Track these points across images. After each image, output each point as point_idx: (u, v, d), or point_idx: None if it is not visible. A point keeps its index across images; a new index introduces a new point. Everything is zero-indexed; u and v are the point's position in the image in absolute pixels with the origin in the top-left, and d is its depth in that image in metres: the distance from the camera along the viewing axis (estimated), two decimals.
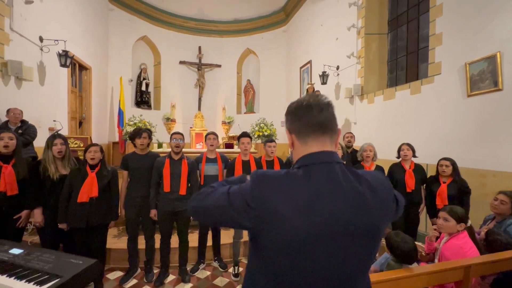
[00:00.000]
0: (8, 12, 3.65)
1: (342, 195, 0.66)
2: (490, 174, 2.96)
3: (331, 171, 0.68)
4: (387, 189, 0.73)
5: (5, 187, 2.23)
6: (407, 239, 1.76)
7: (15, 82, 3.77)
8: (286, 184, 0.67)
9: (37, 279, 1.36)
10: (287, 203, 0.64)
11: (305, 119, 0.72)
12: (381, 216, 0.69)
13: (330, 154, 0.72)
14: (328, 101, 0.75)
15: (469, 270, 1.63)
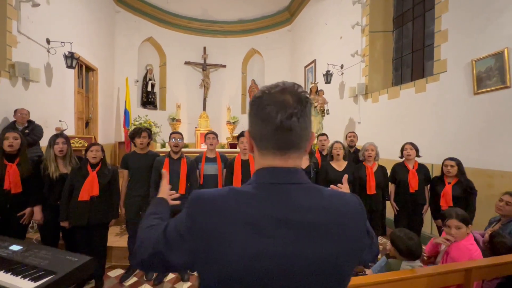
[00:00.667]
0: (16, 15, 3.75)
1: (299, 225, 0.54)
2: (497, 174, 2.87)
3: (286, 194, 0.56)
4: (358, 220, 0.60)
5: (9, 185, 2.29)
6: (412, 235, 1.72)
7: (22, 83, 3.86)
8: (231, 206, 0.55)
9: (33, 275, 1.39)
10: (231, 231, 0.52)
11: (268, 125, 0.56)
12: (348, 248, 0.57)
13: (289, 172, 0.58)
14: (301, 98, 0.57)
15: (470, 273, 1.58)
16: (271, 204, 0.55)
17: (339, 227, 0.57)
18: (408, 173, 2.98)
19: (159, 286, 2.60)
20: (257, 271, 0.52)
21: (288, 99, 0.56)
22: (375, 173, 3.06)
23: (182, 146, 2.74)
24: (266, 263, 0.52)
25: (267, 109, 0.56)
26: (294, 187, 0.57)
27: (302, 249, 0.53)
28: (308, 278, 0.53)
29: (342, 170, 3.02)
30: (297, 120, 0.56)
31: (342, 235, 0.57)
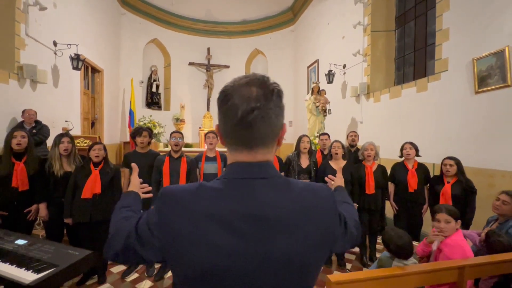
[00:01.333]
0: (24, 18, 3.87)
1: (261, 219, 0.54)
2: (499, 174, 2.84)
3: (251, 189, 0.56)
4: (328, 212, 0.61)
5: (17, 183, 2.38)
6: (402, 234, 1.73)
7: (30, 84, 3.99)
8: (198, 202, 0.55)
9: (36, 267, 1.45)
10: (196, 228, 0.53)
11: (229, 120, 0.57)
12: (316, 241, 0.58)
13: (254, 167, 0.58)
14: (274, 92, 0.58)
15: (463, 271, 1.58)
16: (236, 199, 0.55)
17: (307, 219, 0.57)
18: (408, 173, 2.97)
19: (159, 282, 2.66)
20: (221, 267, 0.52)
21: (252, 92, 0.55)
22: (374, 172, 3.07)
23: (182, 145, 2.80)
24: (231, 259, 0.52)
25: (229, 103, 0.55)
26: (261, 181, 0.57)
27: (266, 244, 0.53)
28: (273, 272, 0.54)
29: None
30: (259, 115, 0.54)
31: (310, 227, 0.57)
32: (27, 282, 1.34)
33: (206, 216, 0.53)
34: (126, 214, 0.72)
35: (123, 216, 0.71)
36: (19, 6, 3.77)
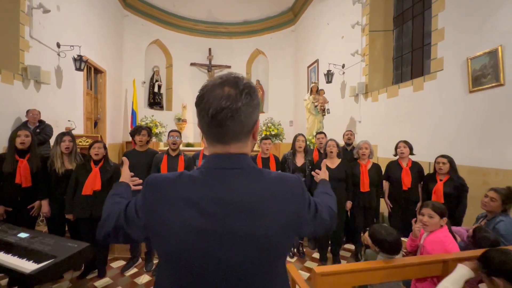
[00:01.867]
0: (28, 21, 3.98)
1: (232, 204, 0.61)
2: (492, 172, 2.87)
3: (226, 177, 0.63)
4: (295, 198, 0.68)
5: (20, 180, 2.48)
6: (391, 230, 1.78)
7: (34, 85, 4.10)
8: (176, 189, 0.62)
9: (36, 258, 1.54)
10: (172, 210, 0.60)
11: (203, 119, 0.63)
12: (283, 224, 0.64)
13: (230, 158, 0.65)
14: (250, 91, 0.63)
15: (447, 265, 1.63)
16: (211, 187, 0.62)
17: (275, 205, 0.64)
18: (402, 171, 3.01)
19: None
20: (192, 243, 0.58)
21: (224, 92, 0.60)
22: (369, 170, 3.11)
23: (179, 144, 2.87)
24: (200, 236, 0.59)
25: (203, 103, 0.61)
26: (235, 171, 0.64)
27: (232, 225, 0.60)
28: (239, 251, 0.60)
29: (334, 168, 3.07)
30: (228, 114, 0.59)
31: (277, 212, 0.64)
32: (27, 271, 1.42)
33: (182, 200, 0.61)
34: (117, 200, 0.81)
35: (114, 201, 0.80)
36: (23, 9, 3.88)
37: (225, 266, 0.60)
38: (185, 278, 0.62)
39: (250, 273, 0.62)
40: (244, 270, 0.61)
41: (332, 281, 1.44)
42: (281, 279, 0.69)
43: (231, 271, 0.61)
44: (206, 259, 0.60)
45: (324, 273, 1.42)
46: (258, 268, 0.63)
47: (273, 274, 0.66)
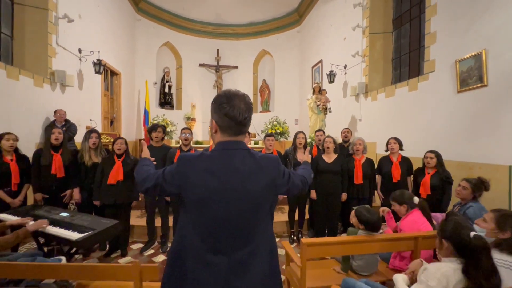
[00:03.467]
0: (55, 30, 4.42)
1: (235, 171, 0.96)
2: (477, 166, 3.10)
3: (235, 154, 0.98)
4: (273, 169, 1.04)
5: (55, 170, 2.89)
6: (373, 212, 2.08)
7: (60, 88, 4.55)
8: (198, 163, 0.98)
9: (79, 230, 1.92)
10: (197, 175, 0.95)
11: (230, 120, 0.97)
12: (265, 185, 0.99)
13: (237, 143, 1.01)
14: (249, 105, 1.01)
15: (417, 241, 1.92)
16: (222, 161, 0.98)
17: (260, 172, 1.00)
18: (392, 165, 3.28)
19: None
20: (212, 195, 0.94)
21: (244, 107, 0.99)
22: (362, 165, 3.39)
23: (191, 140, 3.23)
24: (217, 191, 0.94)
25: (233, 112, 0.97)
26: (237, 151, 1.00)
27: (236, 186, 0.96)
28: (238, 202, 0.96)
29: (331, 162, 3.37)
30: (248, 120, 1.00)
31: (262, 177, 0.99)
32: (74, 239, 1.80)
33: (203, 169, 0.97)
34: (148, 168, 1.16)
35: (148, 168, 1.15)
36: (51, 19, 4.32)
37: (229, 210, 0.95)
38: (203, 219, 0.96)
39: (245, 215, 0.97)
40: (241, 213, 0.97)
41: (316, 250, 1.76)
42: (265, 223, 1.04)
43: (233, 213, 0.96)
44: (217, 206, 0.95)
45: (310, 244, 1.74)
46: (249, 213, 0.98)
47: (259, 217, 1.01)
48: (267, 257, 1.01)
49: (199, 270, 0.94)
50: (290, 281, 2.09)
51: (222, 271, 0.93)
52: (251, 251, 0.97)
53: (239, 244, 0.96)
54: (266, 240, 1.02)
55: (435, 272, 1.22)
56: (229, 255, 0.95)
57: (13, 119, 3.55)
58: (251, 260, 0.97)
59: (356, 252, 1.88)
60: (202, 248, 0.95)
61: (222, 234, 0.95)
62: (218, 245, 0.95)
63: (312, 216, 3.71)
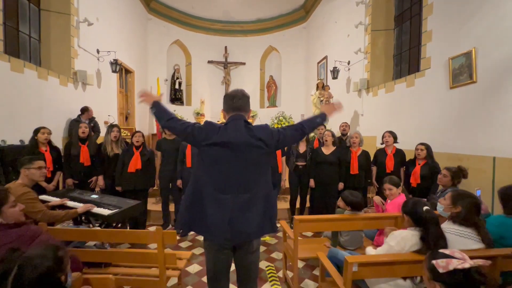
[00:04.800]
0: (76, 33, 4.82)
1: (240, 133, 1.37)
2: (465, 158, 3.31)
3: (237, 124, 1.40)
4: (265, 132, 1.41)
5: (83, 160, 3.30)
6: (357, 194, 2.38)
7: (81, 86, 4.97)
8: (217, 128, 1.40)
9: (108, 207, 2.29)
10: (212, 137, 1.36)
11: (229, 104, 1.48)
12: (261, 144, 1.37)
13: (238, 116, 1.44)
14: (242, 93, 1.49)
15: (397, 220, 2.20)
16: (231, 126, 1.38)
17: (260, 133, 1.39)
18: (386, 157, 3.53)
19: (184, 237, 3.49)
20: (223, 156, 1.34)
21: (240, 94, 1.48)
22: (358, 157, 3.66)
23: None
24: (227, 153, 1.34)
25: (233, 97, 1.46)
26: (241, 121, 1.42)
27: (241, 148, 1.34)
28: (244, 160, 1.35)
29: (329, 154, 3.64)
30: (241, 102, 1.46)
31: (262, 137, 1.38)
32: (106, 214, 2.18)
33: (217, 134, 1.37)
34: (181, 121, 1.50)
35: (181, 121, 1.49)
36: (73, 23, 4.71)
37: (236, 166, 1.33)
38: (215, 172, 1.36)
39: (244, 170, 1.37)
40: (241, 169, 1.36)
41: (307, 226, 2.08)
42: (262, 175, 1.41)
43: (236, 169, 1.34)
44: (226, 162, 1.33)
45: (301, 220, 2.05)
46: (248, 169, 1.38)
47: (257, 172, 1.39)
48: (262, 200, 1.39)
49: (212, 203, 1.33)
50: (286, 254, 2.42)
51: (229, 206, 1.32)
52: (251, 196, 1.36)
53: (241, 190, 1.35)
54: (263, 188, 1.41)
55: (397, 236, 1.52)
56: (234, 196, 1.33)
57: (44, 115, 3.98)
58: (250, 201, 1.35)
59: (342, 228, 2.17)
60: (214, 190, 1.33)
61: (228, 183, 1.34)
62: (226, 190, 1.34)
63: (311, 204, 4.01)
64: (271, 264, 2.79)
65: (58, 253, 0.88)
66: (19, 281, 0.80)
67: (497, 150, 2.92)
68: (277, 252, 3.11)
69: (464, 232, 1.52)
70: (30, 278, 0.79)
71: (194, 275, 2.53)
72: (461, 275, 0.95)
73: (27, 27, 4.26)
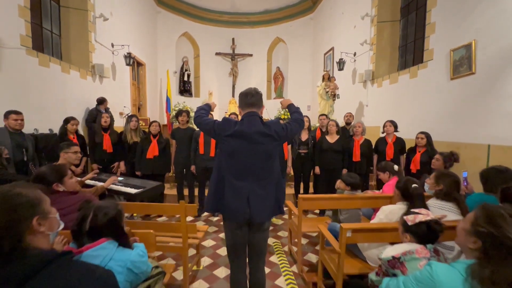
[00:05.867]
0: (93, 28, 5.08)
1: (254, 127, 1.56)
2: (463, 146, 3.49)
3: (251, 119, 1.60)
4: (278, 127, 1.61)
5: (106, 147, 3.62)
6: (354, 176, 2.62)
7: (99, 79, 5.27)
8: (234, 123, 1.60)
9: (133, 187, 2.60)
10: (230, 130, 1.56)
11: (244, 101, 1.67)
12: (272, 137, 1.57)
13: (253, 113, 1.63)
14: (256, 91, 1.67)
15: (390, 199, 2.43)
16: (245, 125, 1.58)
17: (273, 127, 1.59)
18: (387, 145, 3.73)
19: (199, 217, 3.82)
20: (239, 149, 1.56)
21: (253, 91, 1.67)
22: (361, 145, 3.87)
23: None
24: (242, 146, 1.55)
25: (247, 95, 1.65)
26: (255, 117, 1.61)
27: (255, 141, 1.55)
28: (257, 152, 1.56)
29: (333, 142, 3.86)
30: (254, 99, 1.64)
31: (272, 132, 1.58)
32: (133, 192, 2.48)
33: (234, 125, 1.59)
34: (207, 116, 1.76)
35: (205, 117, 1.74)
36: (90, 19, 4.97)
37: (251, 156, 1.55)
38: (233, 162, 1.57)
39: (259, 161, 1.57)
40: (259, 159, 1.58)
41: (310, 203, 2.33)
42: (273, 166, 1.63)
43: (251, 160, 1.55)
44: (243, 153, 1.55)
45: (305, 198, 2.31)
46: (262, 160, 1.59)
47: (269, 163, 1.60)
48: (273, 188, 1.63)
49: (231, 189, 1.57)
50: (291, 230, 2.69)
51: (246, 192, 1.56)
52: (265, 183, 1.60)
53: (256, 178, 1.58)
54: (274, 177, 1.64)
55: (386, 209, 1.76)
56: (250, 183, 1.57)
57: (67, 106, 4.30)
58: (264, 188, 1.59)
59: (342, 206, 2.42)
60: (233, 178, 1.57)
61: (245, 172, 1.57)
62: (243, 178, 1.57)
63: (316, 189, 4.26)
64: (278, 241, 3.09)
65: (118, 207, 1.16)
66: (94, 223, 1.09)
67: (492, 138, 3.09)
68: (282, 231, 3.41)
69: (445, 206, 1.75)
70: (102, 221, 1.08)
71: (210, 248, 2.86)
72: (425, 226, 1.21)
73: (49, 23, 4.54)
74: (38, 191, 0.83)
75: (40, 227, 0.81)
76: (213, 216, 3.88)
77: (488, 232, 0.90)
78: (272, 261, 2.60)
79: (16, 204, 0.76)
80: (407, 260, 1.18)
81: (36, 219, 0.79)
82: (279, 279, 2.30)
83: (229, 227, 1.65)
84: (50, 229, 0.84)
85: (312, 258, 2.67)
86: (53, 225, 0.86)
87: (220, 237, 3.17)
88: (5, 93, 3.19)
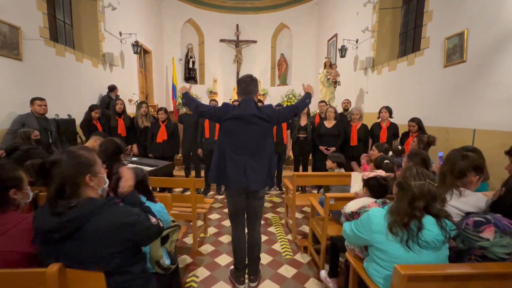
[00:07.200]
0: (103, 17, 5.29)
1: (250, 111, 1.83)
2: (451, 130, 3.70)
3: (248, 103, 1.86)
4: (270, 111, 1.89)
5: (120, 131, 3.95)
6: (339, 155, 2.92)
7: (109, 67, 5.53)
8: (232, 107, 1.89)
9: (148, 166, 2.93)
10: (229, 114, 1.85)
11: (240, 88, 1.93)
12: (264, 119, 1.84)
13: (249, 98, 1.90)
14: (251, 78, 1.91)
15: None
16: (242, 108, 1.87)
17: (265, 111, 1.89)
18: (381, 130, 3.96)
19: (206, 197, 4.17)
20: (236, 129, 1.87)
21: (248, 79, 1.94)
22: (358, 130, 4.11)
23: None
24: (240, 127, 1.86)
25: (243, 83, 1.93)
26: (250, 102, 1.90)
27: (251, 121, 1.85)
28: (253, 131, 1.87)
29: (331, 127, 4.11)
30: (250, 86, 1.93)
31: (265, 115, 1.87)
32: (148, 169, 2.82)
33: (233, 109, 1.88)
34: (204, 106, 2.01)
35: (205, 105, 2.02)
36: (99, 9, 5.18)
37: (245, 136, 1.84)
38: (232, 140, 1.86)
39: (254, 139, 1.86)
40: (252, 138, 1.86)
41: (303, 180, 2.64)
42: (267, 142, 1.91)
43: (247, 138, 1.85)
44: (240, 133, 1.84)
45: (298, 175, 2.61)
46: (257, 138, 1.87)
47: (263, 140, 1.89)
48: (267, 162, 1.91)
49: (230, 162, 1.86)
50: (288, 204, 3.02)
51: (243, 164, 1.85)
52: (259, 158, 1.89)
53: (251, 153, 1.87)
54: (267, 153, 1.92)
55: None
56: (246, 157, 1.85)
57: (82, 93, 4.61)
58: (258, 161, 1.88)
59: (331, 182, 2.72)
60: (232, 153, 1.86)
61: (242, 148, 1.85)
62: (240, 153, 1.86)
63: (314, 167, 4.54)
64: (276, 215, 3.44)
65: (144, 171, 1.49)
66: None
67: (477, 123, 3.30)
68: (280, 207, 3.75)
69: None
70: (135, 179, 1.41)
71: (215, 220, 3.22)
72: (375, 181, 1.68)
73: (62, 14, 4.78)
74: (94, 155, 1.13)
75: (91, 182, 1.11)
76: (218, 195, 4.23)
77: (400, 181, 1.31)
78: (270, 231, 2.95)
79: (79, 162, 1.06)
80: (361, 212, 1.61)
81: (89, 176, 1.09)
82: (275, 244, 2.65)
83: (231, 195, 1.96)
84: (98, 185, 1.15)
85: (306, 229, 3.00)
86: (101, 182, 1.16)
87: (224, 212, 3.53)
88: (28, 81, 3.50)
